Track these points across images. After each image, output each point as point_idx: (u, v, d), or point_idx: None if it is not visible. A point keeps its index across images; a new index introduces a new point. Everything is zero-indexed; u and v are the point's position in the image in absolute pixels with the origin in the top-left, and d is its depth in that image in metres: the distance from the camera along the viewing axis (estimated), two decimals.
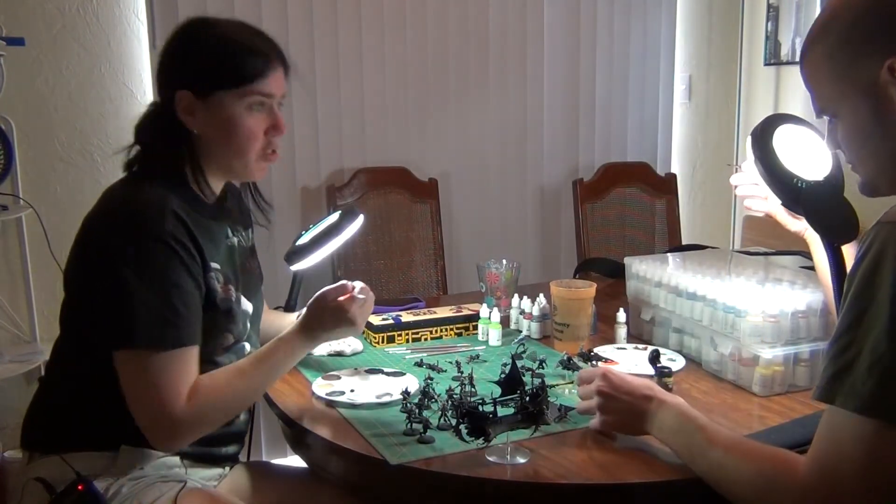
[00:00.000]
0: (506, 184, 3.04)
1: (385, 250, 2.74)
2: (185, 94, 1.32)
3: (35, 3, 2.33)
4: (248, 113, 1.33)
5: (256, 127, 1.35)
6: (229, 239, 1.44)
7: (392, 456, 1.18)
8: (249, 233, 1.57)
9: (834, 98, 1.02)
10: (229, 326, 1.37)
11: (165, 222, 1.25)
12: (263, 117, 1.36)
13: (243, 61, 1.32)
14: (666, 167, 3.30)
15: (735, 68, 3.35)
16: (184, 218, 1.28)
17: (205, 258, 1.31)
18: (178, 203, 1.29)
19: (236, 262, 1.43)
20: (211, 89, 1.32)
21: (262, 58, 1.34)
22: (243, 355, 1.41)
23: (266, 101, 1.35)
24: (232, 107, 1.32)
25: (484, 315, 1.74)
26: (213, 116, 1.33)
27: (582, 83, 3.12)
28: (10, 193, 2.34)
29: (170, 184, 1.32)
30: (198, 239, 1.29)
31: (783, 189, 1.16)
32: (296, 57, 2.60)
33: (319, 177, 2.74)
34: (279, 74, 1.37)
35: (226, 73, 1.32)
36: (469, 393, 1.32)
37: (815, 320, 1.45)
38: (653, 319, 1.70)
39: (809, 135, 1.25)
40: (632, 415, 1.19)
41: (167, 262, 1.24)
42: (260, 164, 1.39)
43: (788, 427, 1.26)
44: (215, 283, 1.33)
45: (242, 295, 1.42)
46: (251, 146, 1.35)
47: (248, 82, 1.32)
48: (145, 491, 1.28)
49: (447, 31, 2.85)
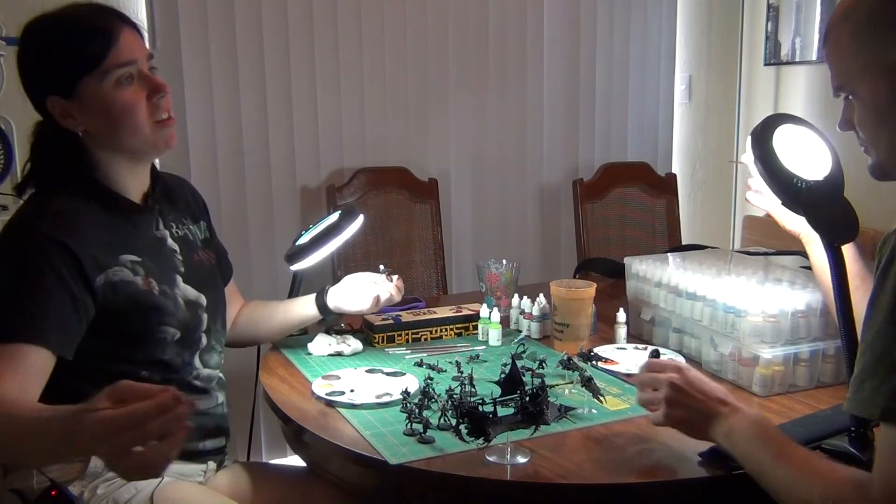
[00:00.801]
0: (506, 184, 3.04)
1: (385, 250, 2.74)
2: (54, 100, 1.28)
3: (35, 3, 2.32)
4: (119, 89, 1.27)
5: (133, 97, 1.28)
6: (159, 231, 1.40)
7: (392, 456, 1.18)
8: (201, 225, 1.54)
9: (854, 76, 1.02)
10: (162, 319, 1.33)
11: (40, 223, 1.21)
12: (137, 87, 1.29)
13: (87, 40, 1.26)
14: (666, 167, 3.30)
15: (735, 68, 3.35)
16: (68, 215, 1.24)
17: (99, 255, 1.25)
18: (72, 202, 1.26)
19: (167, 253, 1.39)
20: (72, 84, 1.26)
21: (103, 28, 1.27)
22: (199, 348, 1.40)
23: (131, 70, 1.28)
24: (99, 90, 1.26)
25: (484, 315, 1.74)
26: (88, 109, 1.27)
27: (582, 83, 3.12)
28: (10, 193, 2.34)
29: (72, 188, 1.29)
30: (87, 236, 1.24)
31: (783, 189, 1.16)
32: (296, 57, 2.63)
33: (319, 177, 2.74)
34: (130, 37, 1.29)
35: (75, 60, 1.25)
36: (469, 393, 1.32)
37: (815, 320, 1.45)
38: (653, 319, 1.70)
39: (809, 135, 1.25)
40: (700, 414, 1.13)
41: (25, 262, 1.18)
42: (158, 132, 1.32)
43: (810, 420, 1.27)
44: (129, 274, 1.28)
45: (188, 285, 1.39)
46: (137, 118, 1.29)
47: (102, 58, 1.25)
48: (120, 491, 1.27)
49: (447, 32, 2.85)
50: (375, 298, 1.63)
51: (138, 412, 0.87)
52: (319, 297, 1.65)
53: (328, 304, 1.64)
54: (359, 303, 1.64)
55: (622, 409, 1.35)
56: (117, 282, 1.27)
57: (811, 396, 1.40)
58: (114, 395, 0.91)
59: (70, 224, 1.23)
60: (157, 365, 1.33)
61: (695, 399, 1.14)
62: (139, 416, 0.87)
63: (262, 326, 1.67)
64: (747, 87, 3.34)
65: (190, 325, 1.38)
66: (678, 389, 1.15)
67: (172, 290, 1.36)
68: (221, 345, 1.50)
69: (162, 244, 1.40)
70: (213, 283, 1.49)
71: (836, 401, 1.36)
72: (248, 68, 2.58)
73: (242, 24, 2.55)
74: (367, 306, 1.63)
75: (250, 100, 2.59)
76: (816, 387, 1.44)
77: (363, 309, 1.64)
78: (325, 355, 1.65)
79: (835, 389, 1.42)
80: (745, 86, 3.34)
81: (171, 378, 1.35)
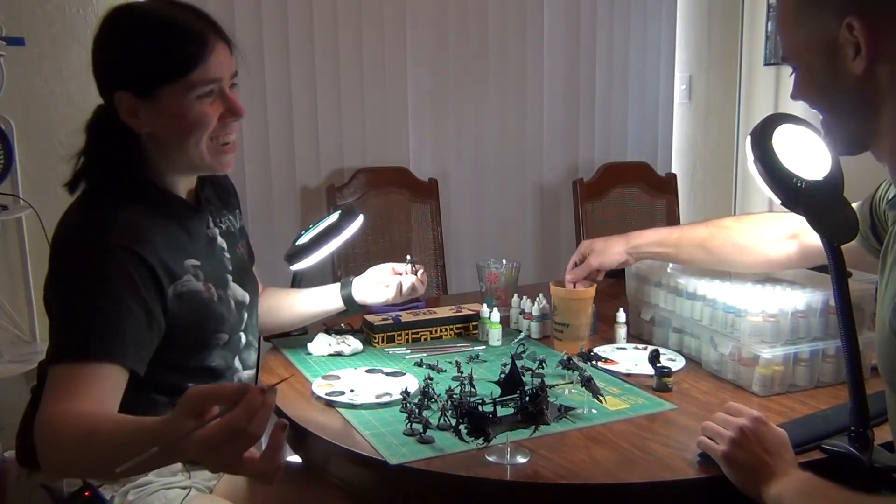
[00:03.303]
0: (506, 184, 3.04)
1: (385, 250, 2.74)
2: (125, 95, 1.21)
3: (35, 3, 2.33)
4: (198, 102, 1.22)
5: (209, 113, 1.23)
6: (210, 230, 1.38)
7: (392, 456, 1.18)
8: (237, 214, 1.52)
9: (796, 49, 1.02)
10: (219, 326, 1.32)
11: (112, 233, 1.17)
12: (216, 104, 1.25)
13: (179, 49, 1.20)
14: (666, 167, 3.30)
15: (735, 68, 3.35)
16: (139, 225, 1.20)
17: (171, 266, 1.22)
18: (135, 211, 1.21)
19: (218, 253, 1.38)
20: (151, 87, 1.20)
21: (198, 39, 1.21)
22: (240, 348, 1.39)
23: (214, 88, 1.23)
24: (179, 101, 1.21)
25: (484, 315, 1.74)
26: (159, 115, 1.22)
27: (582, 83, 3.12)
28: (10, 193, 2.34)
29: (128, 191, 1.24)
30: (157, 245, 1.20)
31: (783, 189, 1.16)
32: (297, 57, 2.63)
33: (319, 177, 2.74)
34: (222, 53, 1.24)
35: (163, 66, 1.20)
36: (469, 393, 1.32)
37: (815, 320, 1.45)
38: (653, 319, 1.70)
39: (809, 135, 1.25)
40: (756, 468, 1.09)
41: (103, 278, 1.14)
42: (219, 154, 1.28)
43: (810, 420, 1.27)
44: (195, 282, 1.25)
45: (237, 284, 1.37)
46: (205, 134, 1.24)
47: (190, 71, 1.20)
48: (150, 499, 1.28)
49: (447, 32, 2.85)
50: (398, 286, 1.62)
51: (234, 423, 0.86)
52: (344, 290, 1.64)
53: (354, 296, 1.64)
54: (384, 293, 1.63)
55: (622, 409, 1.35)
56: (185, 292, 1.23)
57: (811, 396, 1.40)
58: (192, 409, 0.89)
59: (141, 233, 1.19)
60: (204, 372, 1.32)
61: (756, 454, 1.10)
62: (236, 426, 0.86)
63: (284, 316, 1.65)
64: (747, 87, 3.34)
65: (236, 326, 1.37)
66: (746, 436, 1.11)
67: (226, 294, 1.34)
68: (256, 339, 1.47)
69: (213, 244, 1.37)
70: (252, 278, 1.47)
71: (836, 401, 1.36)
72: (248, 68, 2.57)
73: (242, 25, 2.56)
74: (391, 296, 1.63)
75: (250, 100, 2.59)
76: (816, 387, 1.44)
77: (388, 299, 1.64)
78: (325, 355, 1.65)
79: (835, 389, 1.42)
80: (745, 86, 3.34)
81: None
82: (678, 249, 1.63)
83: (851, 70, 0.95)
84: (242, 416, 0.86)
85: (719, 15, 3.32)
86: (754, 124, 1.21)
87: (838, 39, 0.95)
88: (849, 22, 0.93)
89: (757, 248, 1.55)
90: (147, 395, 1.21)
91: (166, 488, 1.30)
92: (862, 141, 1.02)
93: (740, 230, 1.57)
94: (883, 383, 1.07)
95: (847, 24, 0.93)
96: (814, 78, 1.00)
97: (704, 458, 1.15)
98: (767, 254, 1.54)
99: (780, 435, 1.12)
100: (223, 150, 1.29)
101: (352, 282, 1.65)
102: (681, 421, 1.32)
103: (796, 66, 1.03)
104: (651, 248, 1.67)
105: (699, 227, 1.63)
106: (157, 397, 1.26)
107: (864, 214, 1.28)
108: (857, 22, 0.92)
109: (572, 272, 1.72)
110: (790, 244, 1.51)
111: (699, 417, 1.25)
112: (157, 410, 1.23)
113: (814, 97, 1.03)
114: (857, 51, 0.93)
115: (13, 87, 2.30)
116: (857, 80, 0.95)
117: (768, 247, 1.53)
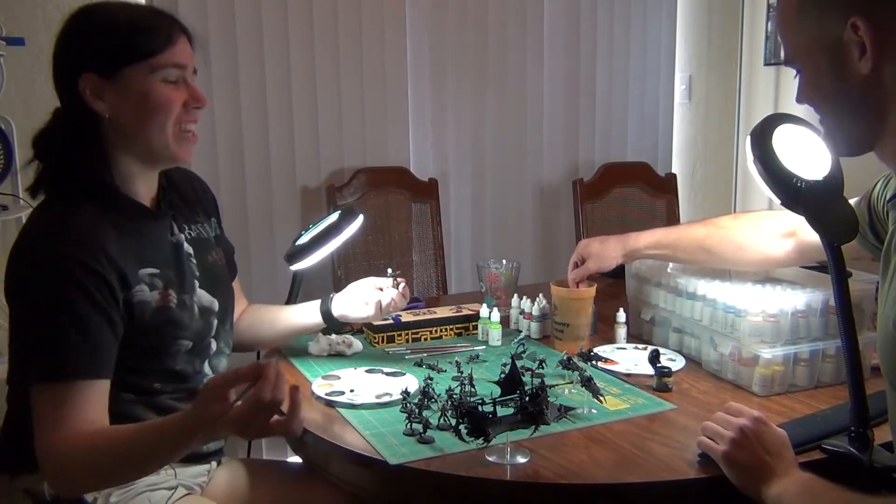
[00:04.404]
0: (505, 184, 3.03)
1: (385, 250, 2.74)
2: (90, 76, 1.23)
3: (35, 3, 2.33)
4: (162, 85, 1.25)
5: (173, 97, 1.26)
6: (174, 236, 1.37)
7: (392, 456, 1.18)
8: (213, 222, 1.51)
9: (800, 52, 1.01)
10: (178, 333, 1.31)
11: (67, 245, 1.17)
12: (181, 90, 1.28)
13: (146, 31, 1.25)
14: (666, 167, 3.30)
15: (735, 68, 3.35)
16: (94, 234, 1.20)
17: (124, 275, 1.22)
18: (93, 217, 1.22)
19: (184, 259, 1.37)
20: (118, 66, 1.23)
21: (164, 28, 1.26)
22: (209, 355, 1.39)
23: (179, 73, 1.27)
24: (144, 81, 1.24)
25: (484, 315, 1.74)
26: (124, 94, 1.24)
27: (582, 83, 3.11)
28: (10, 193, 2.34)
29: (86, 198, 1.24)
30: (113, 255, 1.21)
31: (783, 189, 1.16)
32: (296, 57, 2.63)
33: (319, 177, 2.74)
34: (185, 44, 1.29)
35: (132, 46, 1.23)
36: (469, 393, 1.32)
37: (815, 320, 1.45)
38: (653, 319, 1.70)
39: (809, 135, 1.25)
40: (756, 468, 1.09)
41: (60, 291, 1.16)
42: (181, 142, 1.29)
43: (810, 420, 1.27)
44: (147, 292, 1.26)
45: (204, 290, 1.37)
46: (168, 117, 1.26)
47: (158, 52, 1.24)
48: (133, 501, 1.28)
49: (446, 31, 2.85)
50: (378, 304, 1.59)
51: (260, 396, 1.02)
52: (324, 306, 1.62)
53: (333, 313, 1.61)
54: (364, 310, 1.61)
55: (622, 409, 1.35)
56: (136, 303, 1.24)
57: (811, 396, 1.40)
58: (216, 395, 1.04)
59: (97, 244, 1.20)
60: (168, 375, 1.32)
61: (756, 454, 1.10)
62: (262, 398, 1.02)
63: (264, 332, 1.64)
64: (747, 87, 3.34)
65: (202, 333, 1.36)
66: (746, 437, 1.11)
67: (191, 300, 1.34)
68: (229, 347, 1.48)
69: (178, 250, 1.37)
70: (225, 285, 1.47)
71: (836, 401, 1.36)
72: (248, 68, 2.57)
73: (242, 25, 2.55)
74: (371, 313, 1.60)
75: (250, 100, 2.59)
76: (816, 387, 1.44)
77: (368, 317, 1.61)
78: (325, 355, 1.65)
79: (835, 389, 1.42)
80: (745, 86, 3.34)
81: (181, 387, 1.34)
82: (676, 250, 1.64)
83: (858, 70, 0.94)
84: (266, 389, 1.02)
85: (719, 15, 3.32)
86: (754, 124, 1.21)
87: (843, 40, 0.94)
88: (853, 21, 0.92)
89: (755, 245, 1.55)
90: (115, 392, 1.21)
91: (151, 490, 1.30)
92: (867, 142, 1.02)
93: (738, 229, 1.58)
94: (885, 383, 1.07)
95: (852, 24, 0.92)
96: (820, 79, 1.00)
97: (704, 459, 1.15)
98: (765, 251, 1.54)
99: (780, 435, 1.12)
100: (187, 138, 1.31)
101: (332, 298, 1.63)
102: (681, 421, 1.32)
103: (801, 69, 1.03)
104: (648, 250, 1.67)
105: (696, 226, 1.64)
106: (124, 395, 1.26)
107: (862, 211, 1.28)
108: (862, 21, 0.92)
109: (574, 273, 1.72)
110: (787, 241, 1.51)
111: (699, 417, 1.25)
112: (126, 408, 1.26)
113: (820, 99, 1.02)
114: (862, 51, 0.93)
115: (13, 87, 2.30)
116: (864, 80, 0.95)
117: (766, 244, 1.54)
